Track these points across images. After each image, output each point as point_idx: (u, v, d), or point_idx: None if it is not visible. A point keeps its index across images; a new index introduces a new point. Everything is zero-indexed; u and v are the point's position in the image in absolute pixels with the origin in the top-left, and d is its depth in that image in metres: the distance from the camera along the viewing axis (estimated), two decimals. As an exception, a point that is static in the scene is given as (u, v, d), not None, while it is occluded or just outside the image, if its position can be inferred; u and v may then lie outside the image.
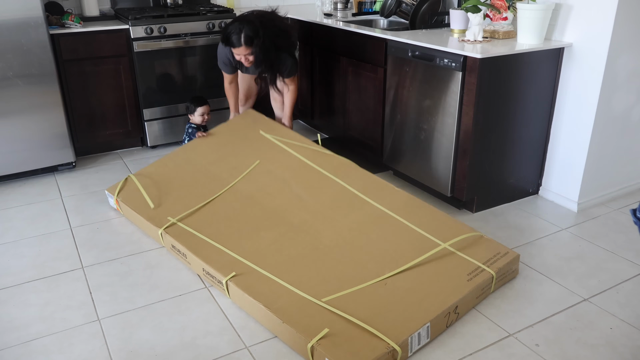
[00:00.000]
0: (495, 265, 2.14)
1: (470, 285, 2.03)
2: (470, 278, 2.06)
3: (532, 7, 2.58)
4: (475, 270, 2.10)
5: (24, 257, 2.50)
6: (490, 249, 2.23)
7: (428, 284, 2.03)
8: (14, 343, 1.95)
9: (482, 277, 2.07)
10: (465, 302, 2.00)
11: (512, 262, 2.20)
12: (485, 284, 2.07)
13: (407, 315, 1.88)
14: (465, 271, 2.09)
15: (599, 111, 2.67)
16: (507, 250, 2.22)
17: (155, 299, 2.17)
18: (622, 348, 1.90)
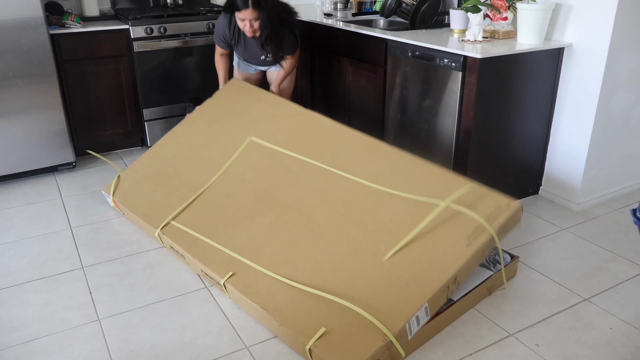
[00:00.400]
0: (497, 222, 1.99)
1: (470, 250, 1.92)
2: (470, 242, 1.94)
3: (532, 7, 2.58)
4: (475, 232, 1.96)
5: (24, 257, 2.50)
6: (490, 203, 2.07)
7: (425, 256, 1.95)
8: (14, 343, 1.95)
9: (482, 239, 1.95)
10: (464, 270, 1.92)
11: (514, 215, 2.04)
12: (485, 246, 1.96)
13: (404, 297, 1.84)
14: (464, 233, 1.97)
15: (599, 111, 2.67)
16: (507, 202, 2.05)
17: (155, 299, 2.17)
18: (622, 348, 1.90)
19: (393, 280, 1.91)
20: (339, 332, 1.79)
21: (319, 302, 1.90)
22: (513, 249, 2.49)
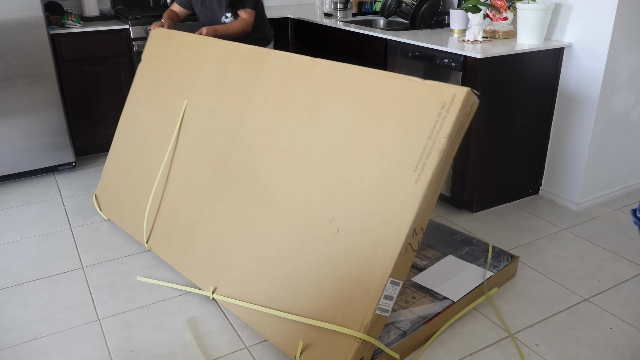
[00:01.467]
0: (443, 130, 1.58)
1: (420, 188, 1.57)
2: (418, 175, 1.59)
3: (532, 7, 2.58)
4: (421, 157, 1.60)
5: (24, 257, 2.50)
6: (435, 97, 1.63)
7: (375, 210, 1.66)
8: (14, 343, 1.95)
9: (430, 164, 1.57)
10: (421, 216, 1.60)
11: (464, 106, 1.58)
12: (438, 171, 1.59)
13: (365, 280, 1.65)
14: (410, 164, 1.61)
15: (599, 111, 2.67)
16: (453, 92, 1.60)
17: (155, 299, 2.17)
18: (622, 348, 1.90)
19: (350, 259, 1.70)
20: (318, 340, 1.72)
21: (295, 305, 1.81)
22: (513, 249, 2.49)
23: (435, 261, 2.25)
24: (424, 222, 1.64)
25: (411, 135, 1.64)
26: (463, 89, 1.57)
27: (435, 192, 1.62)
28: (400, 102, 1.70)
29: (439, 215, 2.82)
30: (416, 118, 1.64)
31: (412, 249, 1.64)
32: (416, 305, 1.98)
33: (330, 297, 1.72)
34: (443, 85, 1.62)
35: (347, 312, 1.67)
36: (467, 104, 1.58)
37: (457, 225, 2.71)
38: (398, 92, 1.72)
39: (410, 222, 1.58)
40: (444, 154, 1.57)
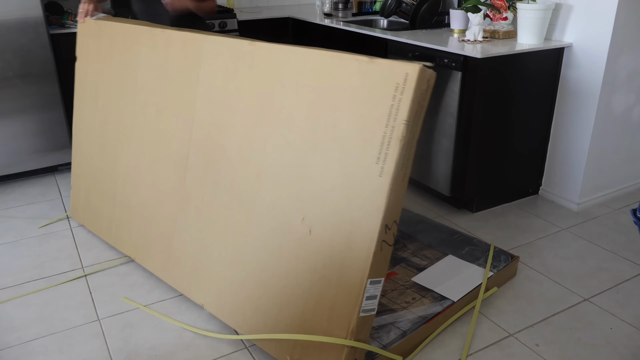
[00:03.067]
0: (400, 115, 1.44)
1: (385, 181, 1.46)
2: (381, 168, 1.47)
3: (532, 7, 2.58)
4: (382, 146, 1.47)
5: (24, 257, 2.50)
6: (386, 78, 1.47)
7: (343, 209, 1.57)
8: (14, 343, 1.95)
9: (393, 150, 1.45)
10: (391, 209, 1.50)
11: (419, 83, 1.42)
12: (403, 158, 1.46)
13: (344, 284, 1.58)
14: (372, 155, 1.49)
15: (599, 111, 2.67)
16: (405, 71, 1.43)
17: (155, 299, 2.17)
18: (622, 348, 1.90)
19: (326, 262, 1.63)
20: (308, 347, 1.69)
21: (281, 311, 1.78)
22: (513, 249, 2.49)
23: (435, 261, 2.25)
24: (396, 215, 1.54)
25: (368, 123, 1.50)
26: (415, 65, 1.41)
27: (403, 181, 1.51)
28: (351, 86, 1.54)
29: (439, 215, 2.83)
30: (370, 104, 1.50)
31: (388, 244, 1.56)
32: (416, 305, 1.98)
33: (313, 301, 1.67)
34: (394, 63, 1.45)
35: (332, 316, 1.62)
36: (422, 81, 1.43)
37: (457, 225, 2.71)
38: (347, 75, 1.55)
39: (380, 219, 1.48)
40: (405, 142, 1.44)
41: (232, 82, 1.87)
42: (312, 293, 1.67)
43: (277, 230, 1.75)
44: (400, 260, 2.27)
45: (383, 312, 1.95)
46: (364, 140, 1.51)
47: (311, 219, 1.66)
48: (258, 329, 1.84)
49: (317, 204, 1.63)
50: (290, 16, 3.87)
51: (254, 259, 1.83)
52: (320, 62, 1.62)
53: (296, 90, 1.68)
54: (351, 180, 1.54)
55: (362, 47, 3.19)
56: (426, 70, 1.42)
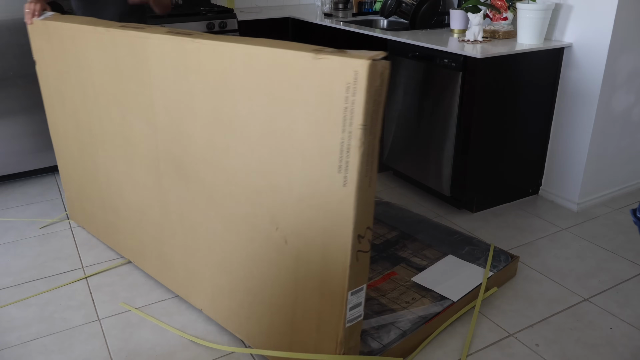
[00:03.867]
0: (355, 120, 1.31)
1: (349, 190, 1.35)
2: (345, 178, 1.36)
3: (532, 7, 2.58)
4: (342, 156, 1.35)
5: (24, 257, 2.50)
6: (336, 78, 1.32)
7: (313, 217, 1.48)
8: (14, 343, 1.95)
9: (353, 158, 1.33)
10: (362, 219, 1.40)
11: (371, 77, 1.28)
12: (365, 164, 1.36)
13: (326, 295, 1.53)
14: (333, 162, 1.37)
15: (599, 111, 2.67)
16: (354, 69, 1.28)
17: (155, 299, 2.17)
18: (622, 348, 1.90)
19: (306, 273, 1.57)
20: None
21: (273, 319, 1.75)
22: (513, 249, 2.49)
23: (435, 261, 2.25)
24: (368, 221, 1.45)
25: (324, 130, 1.37)
26: (364, 62, 1.25)
27: (370, 186, 1.40)
28: (301, 88, 1.40)
29: (439, 215, 2.83)
30: (323, 108, 1.36)
31: (364, 252, 1.48)
32: (416, 305, 1.98)
33: (301, 310, 1.64)
34: (341, 60, 1.30)
35: (320, 326, 1.59)
36: (375, 78, 1.27)
37: (457, 225, 2.71)
38: (296, 75, 1.40)
39: (351, 230, 1.40)
40: (365, 147, 1.33)
41: (184, 83, 1.73)
42: (298, 302, 1.63)
43: (255, 239, 1.69)
44: (400, 260, 2.27)
45: (383, 312, 1.95)
46: (322, 147, 1.38)
47: (285, 229, 1.58)
48: (254, 334, 1.84)
49: (288, 214, 1.55)
50: (290, 16, 3.87)
51: (239, 267, 1.80)
52: (266, 60, 1.46)
53: (247, 92, 1.53)
54: (316, 190, 1.44)
55: (362, 47, 3.19)
56: (377, 64, 1.27)
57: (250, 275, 1.77)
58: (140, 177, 2.10)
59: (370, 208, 1.44)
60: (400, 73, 2.94)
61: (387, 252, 2.34)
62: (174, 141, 1.85)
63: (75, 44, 2.16)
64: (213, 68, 1.61)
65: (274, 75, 1.45)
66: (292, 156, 1.47)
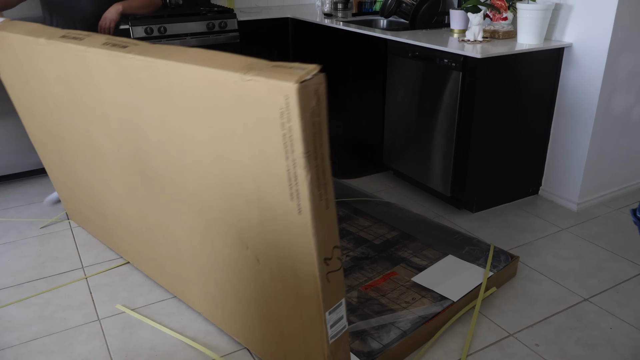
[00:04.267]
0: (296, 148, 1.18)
1: (305, 217, 1.27)
2: (298, 206, 1.27)
3: (532, 7, 2.58)
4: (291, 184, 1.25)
5: (24, 257, 2.50)
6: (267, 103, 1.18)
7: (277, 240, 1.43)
8: (14, 343, 1.95)
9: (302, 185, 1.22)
10: (325, 242, 1.34)
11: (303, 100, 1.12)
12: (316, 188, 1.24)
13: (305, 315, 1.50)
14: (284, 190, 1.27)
15: (599, 111, 2.67)
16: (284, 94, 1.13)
17: (155, 299, 2.17)
18: (622, 348, 1.90)
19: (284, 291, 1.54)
20: None
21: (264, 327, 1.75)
22: (513, 249, 2.49)
23: (435, 261, 2.25)
24: (334, 241, 1.37)
25: (268, 156, 1.27)
26: (292, 87, 1.11)
27: (328, 208, 1.30)
28: (238, 111, 1.28)
29: (438, 215, 2.83)
30: (262, 134, 1.25)
31: (335, 271, 1.42)
32: (416, 305, 1.98)
33: (287, 324, 1.61)
34: (269, 84, 1.15)
35: (307, 340, 1.56)
36: (309, 99, 1.15)
37: (457, 225, 2.71)
38: (230, 96, 1.28)
39: (315, 257, 1.34)
40: (313, 172, 1.22)
41: (130, 99, 1.63)
42: (282, 316, 1.61)
43: (230, 255, 1.65)
44: (400, 260, 2.27)
45: (383, 312, 1.95)
46: (270, 174, 1.30)
47: (255, 249, 1.54)
48: (251, 340, 1.85)
49: (254, 235, 1.50)
50: (290, 16, 3.87)
51: (223, 279, 1.77)
52: (199, 79, 1.34)
53: (190, 111, 1.43)
54: (274, 215, 1.37)
55: (362, 47, 3.19)
56: (309, 85, 1.13)
57: (235, 288, 1.75)
58: (116, 187, 2.05)
59: (333, 228, 1.36)
60: (400, 73, 2.94)
61: (387, 252, 2.34)
62: (135, 157, 1.78)
63: (26, 55, 2.04)
64: (152, 85, 1.50)
65: (210, 95, 1.33)
66: (245, 179, 1.39)
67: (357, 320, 1.91)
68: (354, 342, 1.81)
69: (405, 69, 2.90)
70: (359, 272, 2.20)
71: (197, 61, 1.33)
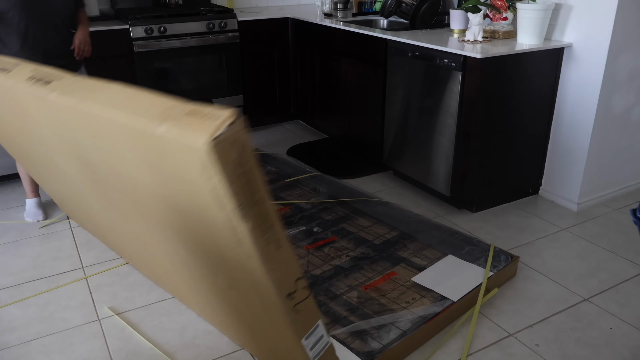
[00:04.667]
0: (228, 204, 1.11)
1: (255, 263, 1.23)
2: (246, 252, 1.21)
3: (532, 7, 2.58)
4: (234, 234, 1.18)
5: (24, 257, 2.50)
6: (186, 160, 1.09)
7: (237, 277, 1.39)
8: (14, 343, 1.95)
9: (244, 235, 1.16)
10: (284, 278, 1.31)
11: (222, 154, 1.02)
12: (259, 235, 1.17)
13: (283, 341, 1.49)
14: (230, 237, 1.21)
15: (599, 111, 2.67)
16: (199, 151, 1.02)
17: (155, 299, 2.17)
18: (622, 348, 1.90)
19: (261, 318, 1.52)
20: None
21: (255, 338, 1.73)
22: (513, 249, 2.49)
23: (435, 261, 2.25)
24: (295, 275, 1.33)
25: (205, 208, 1.19)
26: (204, 145, 0.99)
27: (280, 248, 1.24)
28: (163, 162, 1.19)
29: (439, 215, 2.83)
30: (192, 186, 1.16)
31: (302, 301, 1.38)
32: (416, 305, 1.98)
33: (273, 342, 1.59)
34: (183, 140, 1.04)
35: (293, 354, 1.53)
36: (227, 153, 1.03)
37: (457, 225, 2.71)
38: (151, 148, 1.18)
39: (276, 297, 1.30)
40: (252, 221, 1.15)
41: (70, 134, 1.52)
42: (266, 336, 1.60)
43: (203, 280, 1.63)
44: (400, 260, 2.27)
45: (383, 312, 1.95)
46: (211, 224, 1.23)
47: (225, 279, 1.50)
48: (245, 345, 1.85)
49: (220, 268, 1.46)
50: (290, 16, 3.87)
51: (203, 298, 1.77)
52: (124, 128, 1.22)
53: (123, 154, 1.34)
54: (231, 256, 1.31)
55: (362, 47, 3.19)
56: (223, 138, 1.01)
57: (217, 304, 1.73)
58: (93, 205, 1.98)
59: (291, 264, 1.31)
60: (400, 73, 2.94)
61: (387, 252, 2.34)
62: (95, 183, 1.71)
63: None
64: (82, 125, 1.39)
65: (135, 140, 1.22)
66: (198, 223, 1.32)
67: (357, 320, 1.91)
68: (354, 342, 1.81)
69: (405, 69, 2.90)
70: (359, 272, 2.20)
71: (115, 105, 1.24)
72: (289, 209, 2.73)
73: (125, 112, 1.19)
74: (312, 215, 2.66)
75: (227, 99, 3.81)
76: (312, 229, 2.54)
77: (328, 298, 2.05)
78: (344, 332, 1.85)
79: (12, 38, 2.46)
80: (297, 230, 2.52)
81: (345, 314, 1.95)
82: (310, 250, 2.37)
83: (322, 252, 2.35)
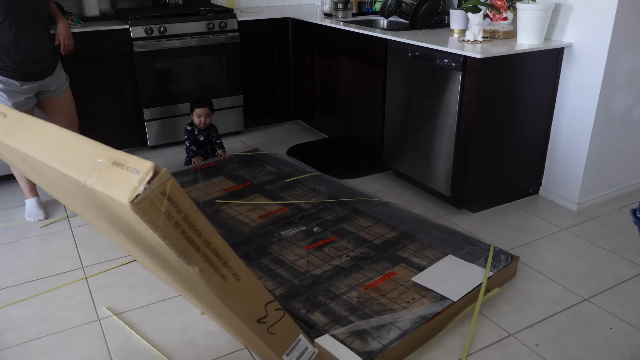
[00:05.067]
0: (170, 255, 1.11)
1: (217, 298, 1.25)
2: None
3: (532, 7, 2.58)
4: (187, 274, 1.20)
5: (24, 257, 2.50)
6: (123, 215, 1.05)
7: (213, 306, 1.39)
8: (14, 343, 1.95)
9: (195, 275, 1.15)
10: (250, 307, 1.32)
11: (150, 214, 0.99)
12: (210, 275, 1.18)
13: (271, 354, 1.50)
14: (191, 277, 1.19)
15: (599, 111, 2.67)
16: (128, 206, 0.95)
17: (155, 299, 2.17)
18: (622, 348, 1.90)
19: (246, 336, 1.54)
20: None
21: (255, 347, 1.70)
22: (513, 249, 2.49)
23: (435, 261, 2.25)
24: (264, 300, 1.32)
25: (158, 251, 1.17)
26: (127, 206, 0.95)
27: (240, 279, 1.24)
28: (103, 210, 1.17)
29: (439, 215, 2.83)
30: (137, 236, 1.16)
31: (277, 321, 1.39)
32: (416, 305, 1.98)
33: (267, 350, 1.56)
34: (111, 195, 0.99)
35: None
36: (154, 208, 0.99)
37: (457, 225, 2.71)
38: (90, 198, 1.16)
39: (246, 324, 1.30)
40: (201, 263, 1.14)
41: None
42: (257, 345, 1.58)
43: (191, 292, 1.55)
44: (400, 260, 2.27)
45: (383, 312, 1.95)
46: (170, 262, 1.21)
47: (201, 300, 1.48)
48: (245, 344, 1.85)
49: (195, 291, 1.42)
50: (290, 16, 3.87)
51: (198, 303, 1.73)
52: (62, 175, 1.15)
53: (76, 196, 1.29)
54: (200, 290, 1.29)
55: (362, 47, 3.19)
56: (145, 197, 0.96)
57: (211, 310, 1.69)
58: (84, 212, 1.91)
59: (257, 292, 1.31)
60: (400, 73, 2.94)
61: (387, 252, 2.34)
62: None
63: None
64: (30, 164, 1.33)
65: (72, 188, 1.17)
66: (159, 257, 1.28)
67: (357, 320, 1.91)
68: (354, 342, 1.81)
69: (405, 69, 2.90)
70: (359, 272, 2.20)
71: (50, 153, 1.16)
72: (289, 209, 2.73)
73: (58, 162, 1.13)
74: (312, 215, 2.66)
75: (227, 98, 3.81)
76: (312, 229, 2.54)
77: (328, 298, 2.05)
78: (344, 332, 1.85)
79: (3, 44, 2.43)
80: (297, 230, 2.52)
81: (345, 314, 1.95)
82: (310, 250, 2.37)
83: (322, 252, 2.35)
